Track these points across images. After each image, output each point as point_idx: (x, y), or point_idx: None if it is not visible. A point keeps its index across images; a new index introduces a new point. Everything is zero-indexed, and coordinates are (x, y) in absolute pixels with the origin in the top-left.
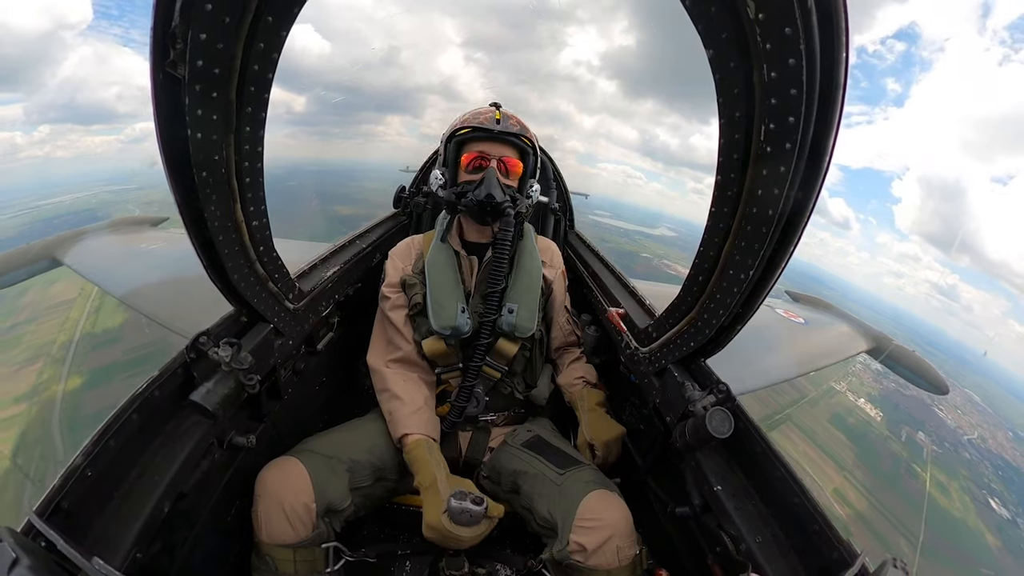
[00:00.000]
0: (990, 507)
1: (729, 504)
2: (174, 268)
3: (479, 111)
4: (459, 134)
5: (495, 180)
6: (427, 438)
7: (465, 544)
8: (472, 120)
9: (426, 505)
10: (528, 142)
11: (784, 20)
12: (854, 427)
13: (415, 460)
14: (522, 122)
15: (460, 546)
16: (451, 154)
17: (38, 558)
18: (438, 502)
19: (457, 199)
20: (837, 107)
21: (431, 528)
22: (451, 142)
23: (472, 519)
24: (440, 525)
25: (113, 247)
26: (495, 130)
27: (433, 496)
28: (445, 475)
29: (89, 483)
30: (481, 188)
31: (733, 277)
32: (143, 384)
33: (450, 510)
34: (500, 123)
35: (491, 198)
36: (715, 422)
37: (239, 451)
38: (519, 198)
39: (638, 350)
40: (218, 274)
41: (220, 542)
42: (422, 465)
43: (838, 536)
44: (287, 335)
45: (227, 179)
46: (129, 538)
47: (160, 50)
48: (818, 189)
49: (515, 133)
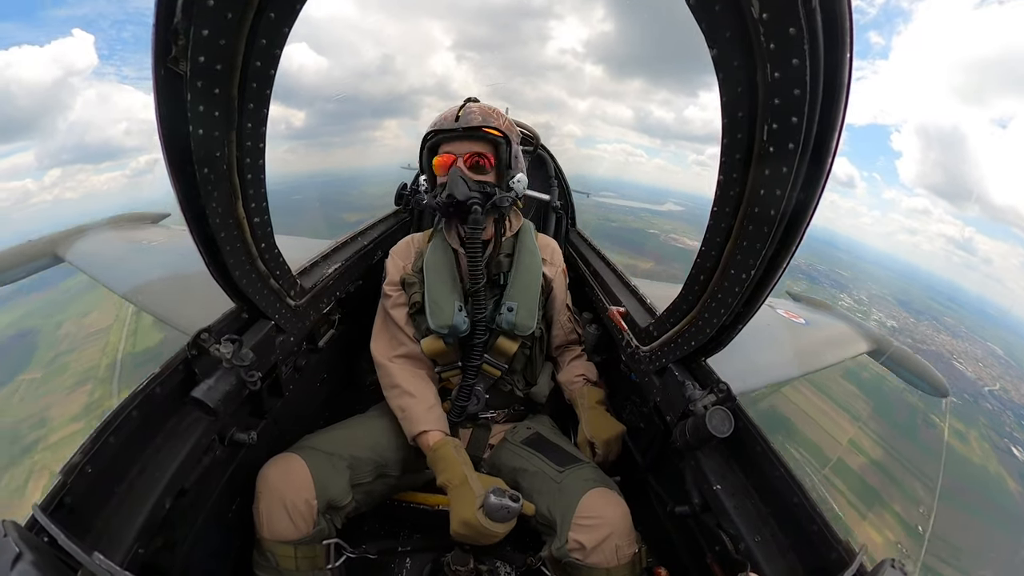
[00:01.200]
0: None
1: (728, 503)
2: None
3: (447, 111)
4: (427, 140)
5: (458, 179)
6: (449, 436)
7: (496, 539)
8: (435, 121)
9: (456, 502)
10: (495, 132)
11: (788, 20)
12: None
13: (442, 459)
14: (489, 112)
15: (491, 541)
16: (426, 160)
17: (41, 553)
18: (472, 498)
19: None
20: (840, 108)
21: (465, 524)
22: (424, 149)
23: (509, 515)
24: (476, 521)
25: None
26: (457, 128)
27: (466, 493)
28: (475, 474)
29: (91, 479)
30: (448, 189)
31: (735, 277)
32: (144, 381)
33: (488, 506)
34: (460, 119)
35: (452, 198)
36: (715, 421)
37: (240, 447)
38: (495, 192)
39: (639, 349)
40: (219, 271)
41: (221, 538)
42: (450, 463)
43: (836, 536)
44: (288, 332)
45: (228, 176)
46: (131, 534)
47: (162, 46)
48: (820, 190)
49: (475, 126)
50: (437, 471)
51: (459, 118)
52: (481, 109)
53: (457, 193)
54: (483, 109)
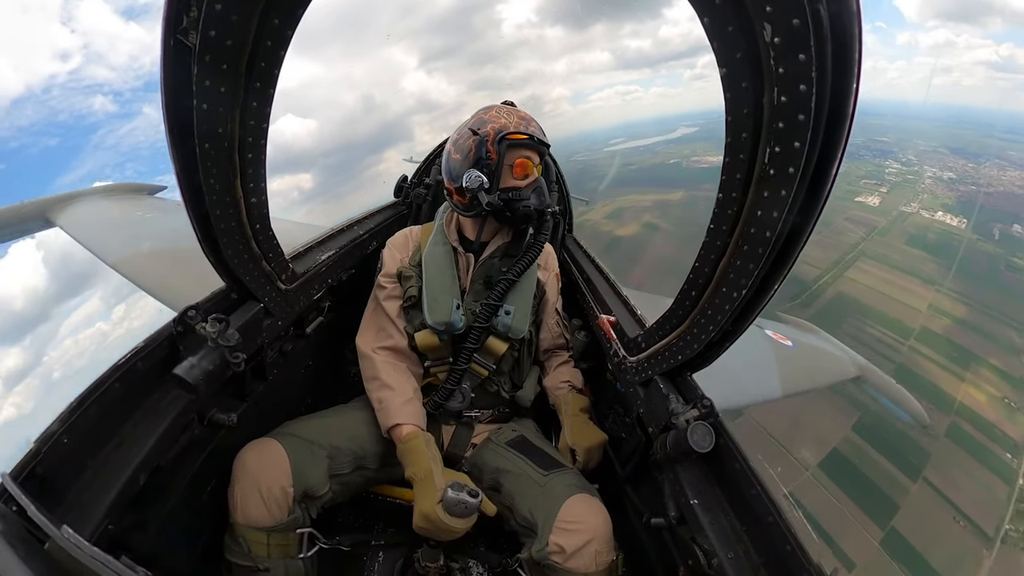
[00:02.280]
0: None
1: (704, 518)
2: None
3: (510, 110)
4: (512, 138)
5: (542, 187)
6: (422, 431)
7: (455, 535)
8: (515, 124)
9: (419, 496)
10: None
11: (799, 46)
12: (934, 241)
13: (410, 451)
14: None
15: (450, 537)
16: (500, 156)
17: (8, 522)
18: (433, 493)
19: (506, 205)
20: (843, 136)
21: (424, 518)
22: (501, 143)
23: (467, 511)
24: (434, 515)
25: (108, 212)
26: (535, 137)
27: (428, 487)
28: (440, 468)
29: (65, 450)
30: (534, 197)
31: (726, 295)
32: (127, 354)
33: (446, 500)
34: (533, 128)
35: (546, 206)
36: (696, 436)
37: (219, 429)
38: None
39: (626, 359)
40: (212, 248)
41: (194, 519)
42: (417, 456)
43: (809, 557)
44: (277, 315)
45: (229, 153)
46: (101, 508)
47: (174, 15)
48: (817, 215)
49: (546, 143)
50: (405, 464)
51: (531, 126)
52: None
53: (539, 203)
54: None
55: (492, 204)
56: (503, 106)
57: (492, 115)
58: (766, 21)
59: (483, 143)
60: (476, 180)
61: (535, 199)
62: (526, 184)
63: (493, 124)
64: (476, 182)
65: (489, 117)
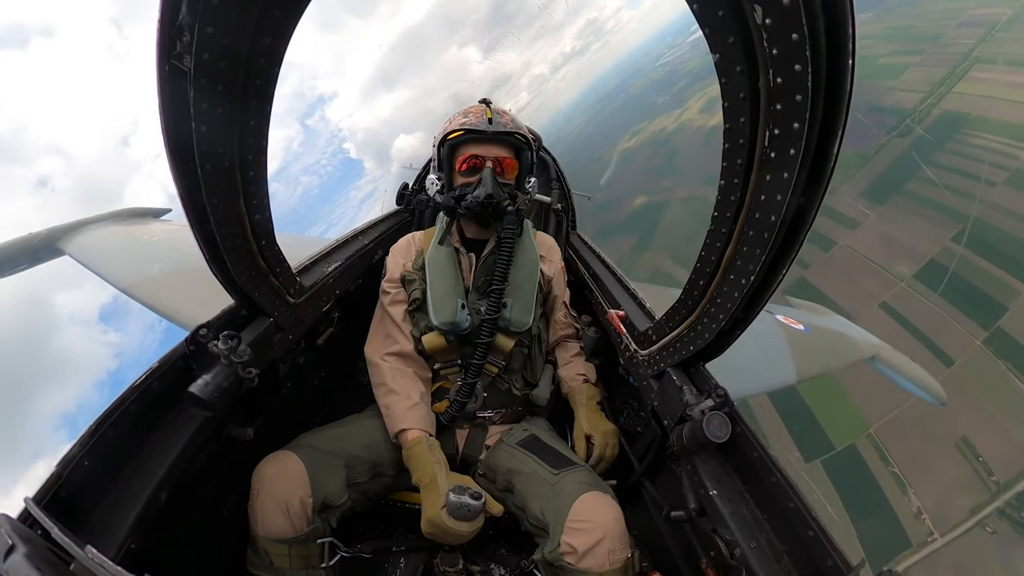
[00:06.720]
0: None
1: (724, 508)
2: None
3: (469, 110)
4: (451, 137)
5: (492, 180)
6: (426, 435)
7: (463, 539)
8: (464, 122)
9: (425, 501)
10: (522, 138)
11: (791, 26)
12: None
13: (414, 457)
14: (514, 118)
15: (459, 541)
16: (445, 158)
17: (34, 545)
18: (437, 497)
19: (456, 202)
20: (842, 113)
21: (430, 523)
22: (444, 146)
23: (470, 513)
24: (439, 519)
25: (116, 238)
26: (488, 131)
27: (432, 492)
28: (445, 472)
29: (86, 472)
30: (480, 189)
31: (734, 282)
32: (142, 375)
33: (448, 504)
34: (492, 122)
35: (491, 198)
36: (712, 426)
37: (236, 444)
38: (518, 195)
39: (637, 352)
40: (219, 267)
41: (215, 535)
42: (422, 462)
43: (833, 542)
44: (287, 329)
45: (231, 172)
46: (124, 528)
47: (167, 41)
48: (821, 195)
49: (509, 132)
50: (411, 469)
51: (491, 121)
52: (508, 115)
53: (495, 194)
54: (510, 115)
55: (446, 203)
56: (472, 107)
57: (452, 118)
58: (756, 3)
59: (436, 148)
60: (433, 184)
61: (481, 190)
62: (475, 179)
63: (445, 128)
64: (433, 186)
65: (449, 121)
